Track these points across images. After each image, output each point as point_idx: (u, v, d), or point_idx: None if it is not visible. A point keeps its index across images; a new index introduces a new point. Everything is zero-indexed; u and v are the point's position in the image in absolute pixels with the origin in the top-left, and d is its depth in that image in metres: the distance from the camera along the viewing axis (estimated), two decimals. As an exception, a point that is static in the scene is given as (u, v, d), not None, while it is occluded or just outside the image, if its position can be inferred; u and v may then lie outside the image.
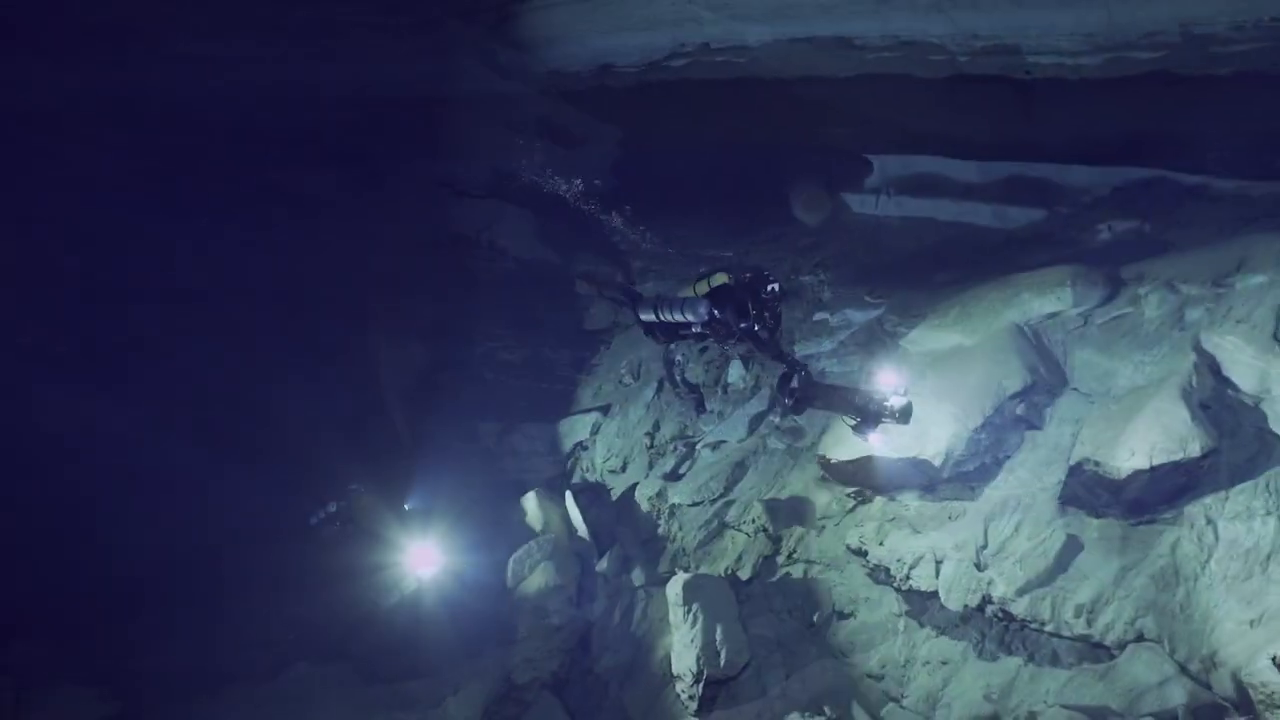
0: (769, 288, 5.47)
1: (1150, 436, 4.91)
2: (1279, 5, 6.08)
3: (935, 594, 5.23)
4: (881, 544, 5.57)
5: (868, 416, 4.94)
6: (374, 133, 13.89)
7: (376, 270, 12.03)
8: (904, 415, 4.88)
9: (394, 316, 11.27)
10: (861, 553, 5.63)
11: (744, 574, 5.91)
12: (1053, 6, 7.23)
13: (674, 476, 7.33)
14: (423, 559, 7.44)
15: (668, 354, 8.99)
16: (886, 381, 4.99)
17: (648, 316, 6.08)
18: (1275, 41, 6.26)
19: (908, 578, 5.34)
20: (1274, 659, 3.84)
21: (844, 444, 5.91)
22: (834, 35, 8.82)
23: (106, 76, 13.58)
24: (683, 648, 5.38)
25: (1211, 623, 4.42)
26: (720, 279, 5.67)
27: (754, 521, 6.09)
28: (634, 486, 7.59)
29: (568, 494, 7.62)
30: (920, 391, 5.92)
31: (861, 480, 5.90)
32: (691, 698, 5.26)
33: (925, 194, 9.59)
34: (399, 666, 6.70)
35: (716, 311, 5.55)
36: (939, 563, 5.27)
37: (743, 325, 5.41)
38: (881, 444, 5.50)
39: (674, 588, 5.70)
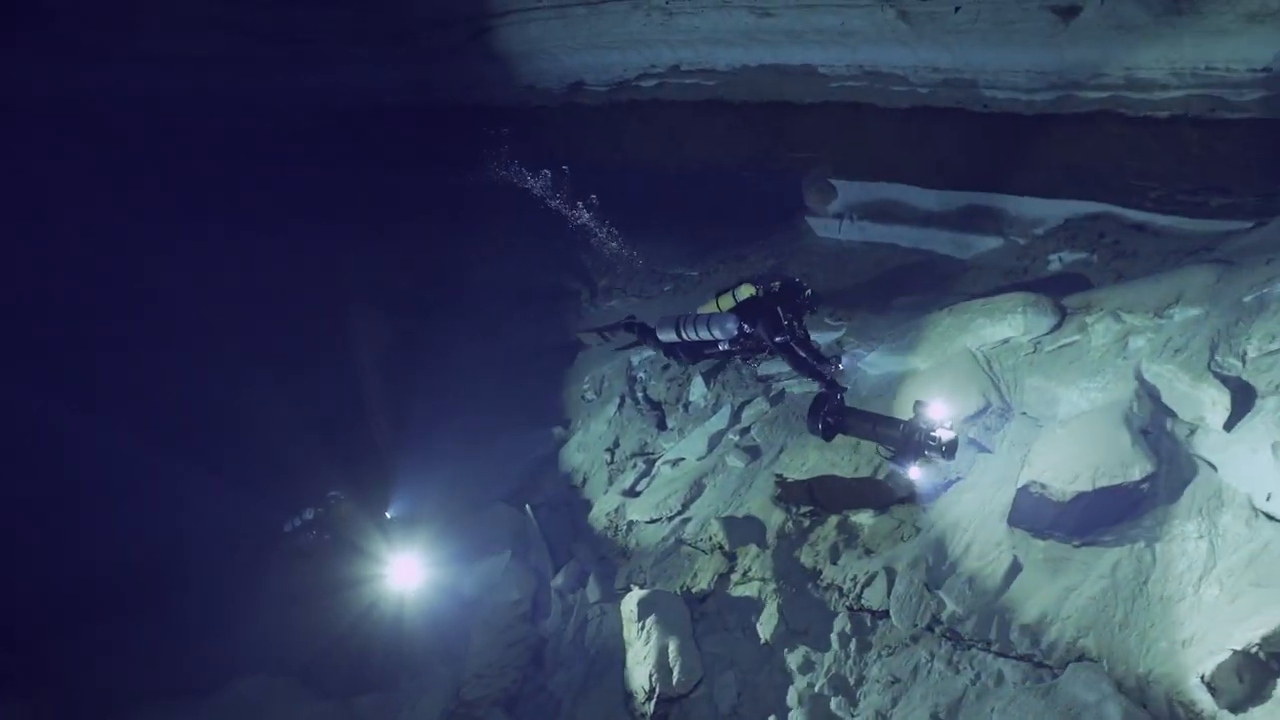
0: (804, 295, 5.17)
1: (1093, 460, 5.07)
2: (1212, 56, 6.44)
3: (886, 613, 5.29)
4: (835, 563, 5.63)
5: (909, 449, 4.65)
6: (348, 139, 13.85)
7: (350, 278, 11.98)
8: (950, 450, 4.61)
9: (367, 323, 11.14)
10: (815, 571, 5.68)
11: (700, 591, 5.93)
12: (1010, 44, 7.53)
13: (632, 493, 7.33)
14: (405, 571, 7.14)
15: (630, 370, 9.05)
16: (935, 413, 4.69)
17: (668, 337, 5.73)
18: (1207, 90, 6.61)
19: (860, 597, 5.40)
20: (1202, 678, 3.96)
21: (800, 464, 5.98)
22: (802, 63, 9.06)
23: (69, 73, 13.36)
24: (636, 665, 5.37)
25: (1147, 643, 4.54)
26: (746, 292, 5.34)
27: (711, 539, 6.12)
28: (593, 502, 7.58)
29: (526, 508, 7.58)
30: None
31: (817, 500, 5.97)
32: (643, 715, 5.23)
33: (887, 220, 9.83)
34: (354, 681, 6.54)
35: (747, 326, 5.24)
36: (891, 582, 5.34)
37: (778, 340, 5.08)
38: (921, 478, 5.28)
39: (629, 604, 5.70)
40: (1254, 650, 3.95)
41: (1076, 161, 7.86)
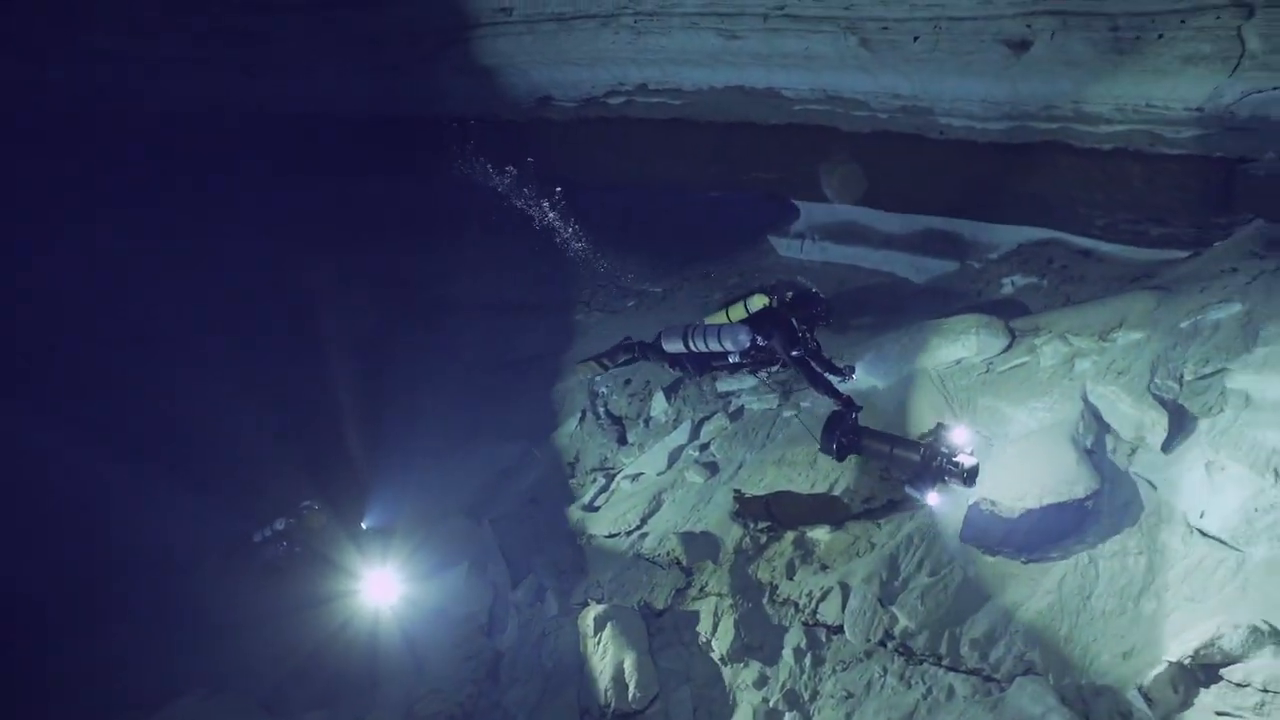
0: (819, 306, 5.00)
1: (1041, 479, 5.21)
2: (1152, 94, 6.76)
3: (841, 628, 5.35)
4: (791, 578, 5.69)
5: (928, 473, 4.52)
6: (312, 149, 13.70)
7: (312, 288, 11.84)
8: (970, 477, 4.46)
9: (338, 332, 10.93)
10: (772, 587, 5.72)
11: (657, 606, 5.92)
12: (966, 75, 7.78)
13: (591, 508, 7.32)
14: (381, 586, 6.81)
15: (592, 385, 9.05)
16: (957, 437, 4.54)
17: (674, 349, 5.56)
18: (1148, 125, 6.93)
19: (815, 612, 5.45)
20: (1140, 689, 4.09)
21: (759, 479, 6.04)
22: (766, 85, 9.24)
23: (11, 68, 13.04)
24: (591, 680, 5.33)
25: (1090, 656, 4.68)
26: (759, 302, 5.16)
27: (669, 554, 6.13)
28: (551, 516, 7.53)
29: (485, 521, 7.50)
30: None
31: (774, 516, 6.02)
32: (599, 731, 5.20)
33: (848, 241, 10.04)
34: (304, 697, 6.34)
35: (760, 338, 5.08)
36: (845, 597, 5.41)
37: (794, 353, 4.92)
38: (940, 504, 5.13)
39: (586, 619, 5.67)
40: (1187, 662, 4.09)
41: (1028, 189, 8.12)
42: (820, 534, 5.83)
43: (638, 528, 6.71)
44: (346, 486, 8.33)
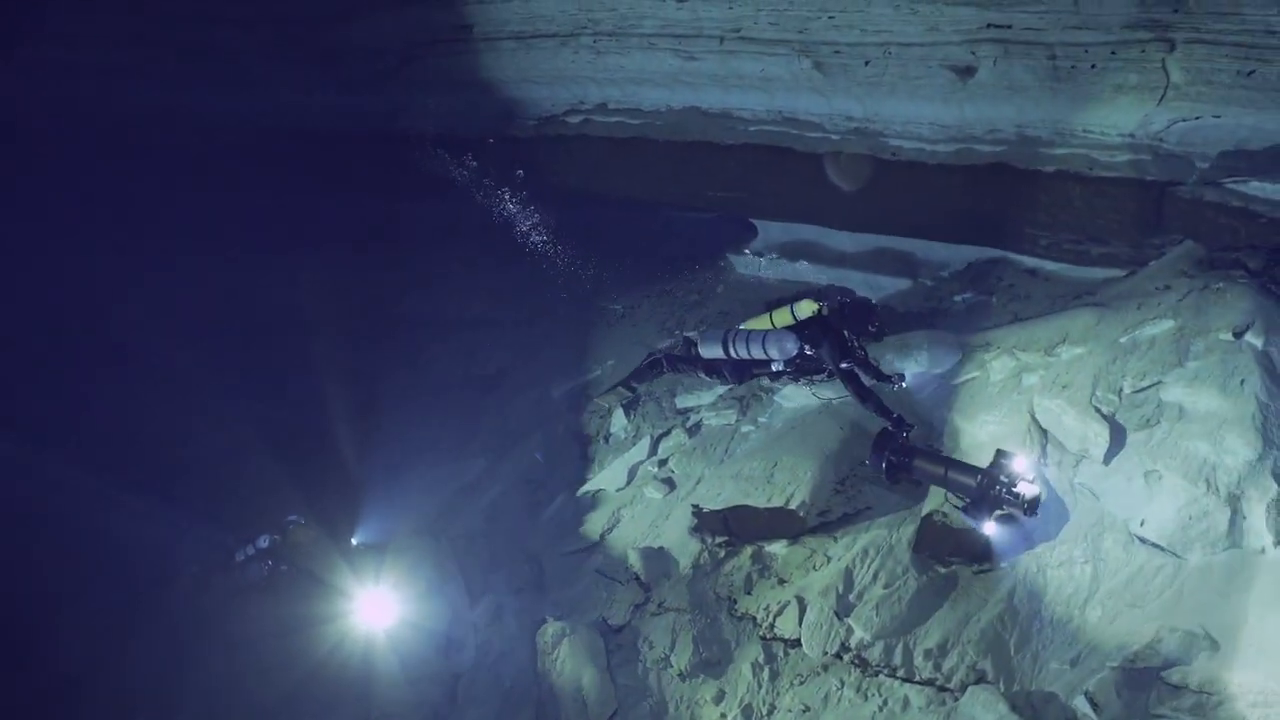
0: (874, 318, 4.69)
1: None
2: (1088, 120, 7.07)
3: (798, 641, 5.38)
4: (749, 593, 5.71)
5: (985, 500, 4.25)
6: (273, 163, 13.51)
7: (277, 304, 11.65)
8: (1033, 507, 4.20)
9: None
10: (730, 601, 5.74)
11: (615, 622, 5.89)
12: (915, 99, 8.02)
13: (551, 524, 7.26)
14: (374, 607, 6.41)
15: (553, 402, 9.02)
16: (1018, 465, 4.26)
17: (712, 354, 5.22)
18: (1087, 149, 7.24)
19: (772, 626, 5.48)
20: (1086, 694, 4.19)
21: (716, 494, 6.07)
22: (723, 106, 9.40)
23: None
24: (549, 698, 5.27)
25: (1039, 663, 4.78)
26: (808, 309, 4.83)
27: (627, 569, 6.11)
28: (510, 534, 7.45)
29: (442, 539, 7.37)
30: (789, 446, 6.24)
31: (732, 530, 6.05)
32: (557, 752, 5.14)
33: (805, 259, 10.19)
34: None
35: (809, 348, 4.79)
36: (802, 611, 5.44)
37: (844, 366, 4.62)
38: (997, 534, 4.85)
39: (543, 636, 5.61)
40: (1129, 667, 4.21)
41: (976, 209, 8.37)
42: (778, 548, 5.87)
43: (597, 543, 6.68)
44: (338, 499, 7.95)
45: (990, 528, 4.40)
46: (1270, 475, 4.59)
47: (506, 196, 11.74)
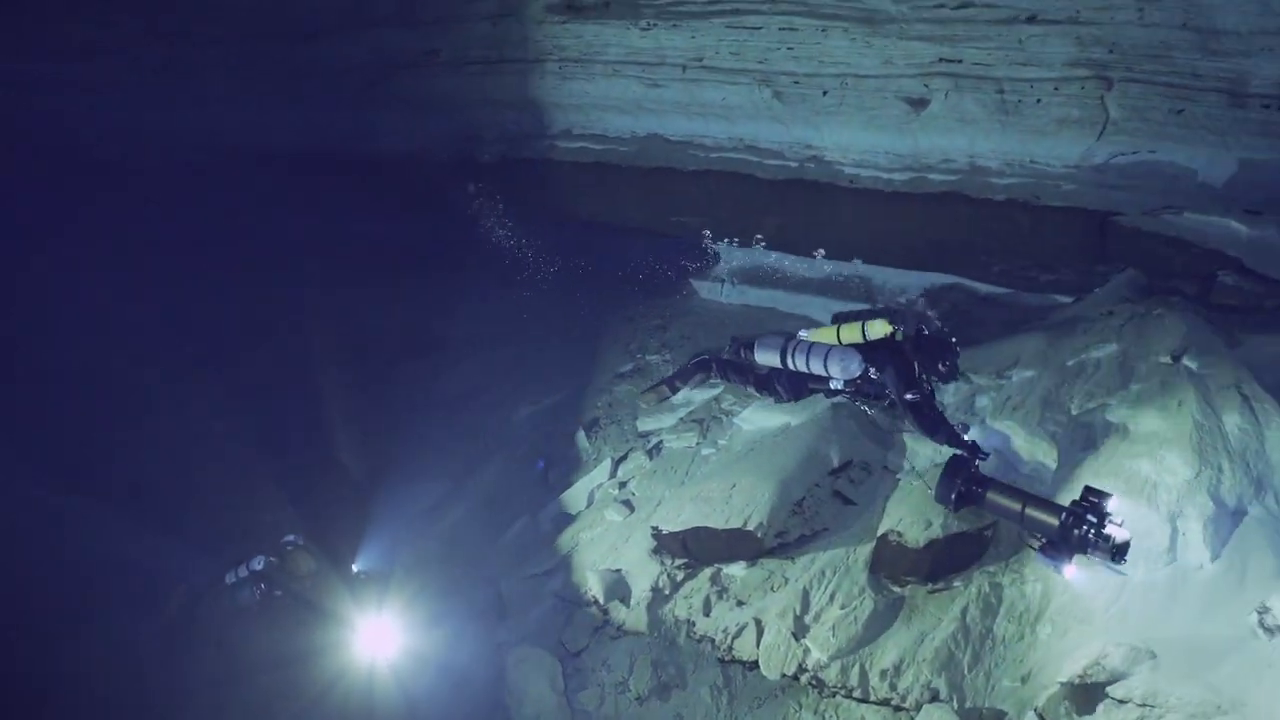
0: (951, 356, 4.31)
1: (945, 509, 5.41)
2: (1034, 151, 7.38)
3: (756, 664, 5.37)
4: (707, 615, 5.69)
5: (1067, 541, 3.90)
6: (235, 181, 13.37)
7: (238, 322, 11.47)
8: (1121, 553, 3.81)
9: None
10: (689, 623, 5.71)
11: (574, 646, 5.81)
12: (871, 128, 8.28)
13: (511, 547, 7.16)
14: (378, 640, 5.91)
15: (516, 424, 8.95)
16: (1110, 505, 3.90)
17: (768, 361, 4.97)
18: (1034, 179, 7.53)
19: (730, 648, 5.46)
20: (1036, 710, 4.24)
21: (676, 515, 6.06)
22: (685, 133, 9.58)
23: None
24: (504, 727, 5.17)
25: (992, 681, 4.83)
26: (880, 329, 4.49)
27: (586, 593, 6.05)
28: (470, 557, 7.32)
29: (395, 568, 7.22)
30: (748, 468, 6.27)
31: (691, 552, 6.04)
32: (513, 780, 5.02)
33: (766, 285, 10.35)
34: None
35: (874, 371, 4.51)
36: (760, 633, 5.43)
37: (909, 397, 4.32)
38: (1078, 578, 4.53)
39: (501, 661, 5.51)
40: (1077, 682, 4.28)
41: (932, 237, 8.62)
42: (736, 570, 5.87)
43: (555, 567, 6.60)
44: (341, 521, 7.50)
45: (1071, 571, 4.09)
46: (1206, 493, 4.74)
47: (473, 219, 11.76)
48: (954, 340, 4.31)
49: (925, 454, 6.26)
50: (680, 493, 6.44)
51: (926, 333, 4.36)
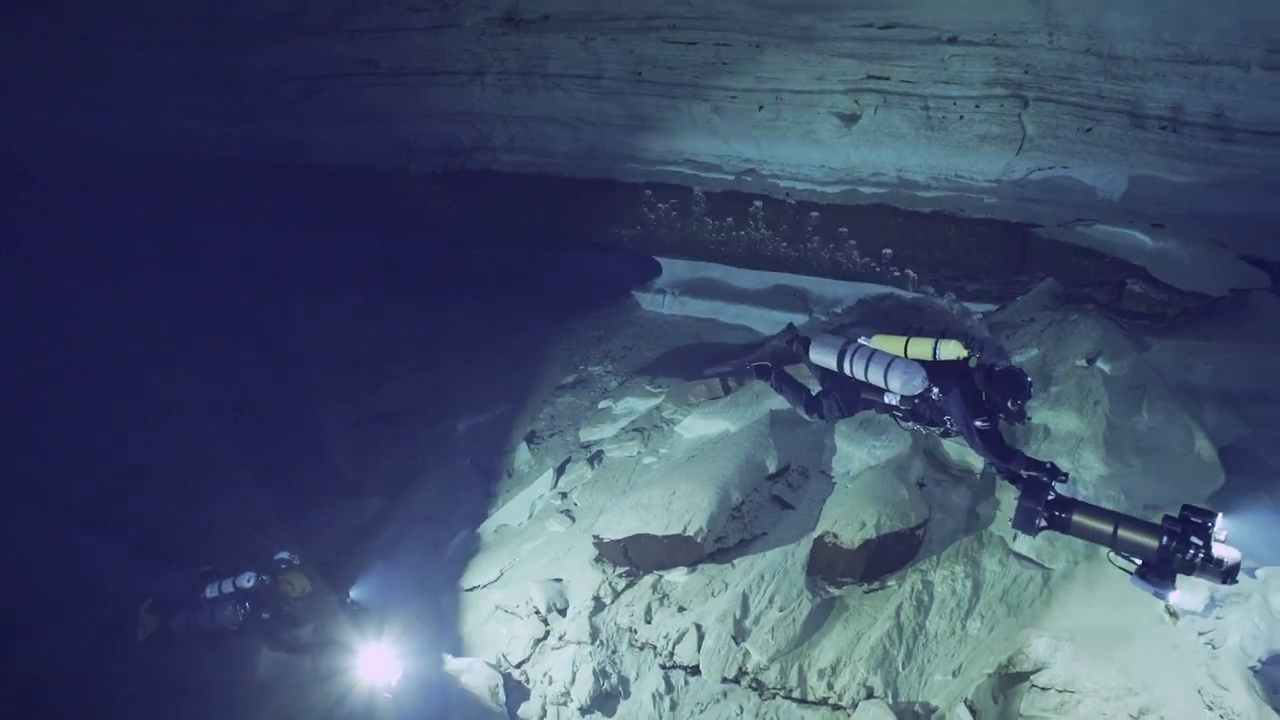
0: (1018, 401, 3.93)
1: (878, 510, 5.55)
2: (958, 165, 7.71)
3: (698, 668, 5.38)
4: (649, 622, 5.68)
5: (1169, 565, 3.58)
6: (163, 190, 12.89)
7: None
8: (1231, 574, 3.49)
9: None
10: (631, 631, 5.69)
11: (515, 658, 5.72)
12: (806, 143, 8.51)
13: (452, 561, 7.03)
14: (376, 668, 5.49)
15: (455, 438, 8.81)
16: (1216, 525, 3.54)
17: (824, 361, 4.61)
18: (958, 192, 7.85)
19: (672, 654, 5.46)
20: (966, 702, 4.36)
21: (617, 523, 6.05)
22: (626, 146, 9.66)
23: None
24: (443, 744, 5.05)
25: (925, 675, 4.96)
26: (953, 350, 4.16)
27: (528, 604, 5.97)
28: (409, 573, 7.14)
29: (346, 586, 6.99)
30: (688, 474, 6.31)
31: (632, 560, 6.03)
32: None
33: (707, 296, 10.47)
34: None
35: (936, 393, 4.16)
36: (701, 637, 5.46)
37: (979, 424, 3.97)
38: (1182, 601, 4.20)
39: (442, 675, 5.38)
40: (1004, 673, 4.43)
41: (865, 247, 8.87)
42: (677, 576, 5.89)
43: (496, 579, 6.51)
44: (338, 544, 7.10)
45: (1176, 596, 3.73)
46: (1119, 488, 4.99)
47: (409, 231, 11.58)
48: (1029, 380, 4.00)
49: (860, 458, 6.43)
50: (622, 501, 6.43)
51: (1000, 368, 4.05)
